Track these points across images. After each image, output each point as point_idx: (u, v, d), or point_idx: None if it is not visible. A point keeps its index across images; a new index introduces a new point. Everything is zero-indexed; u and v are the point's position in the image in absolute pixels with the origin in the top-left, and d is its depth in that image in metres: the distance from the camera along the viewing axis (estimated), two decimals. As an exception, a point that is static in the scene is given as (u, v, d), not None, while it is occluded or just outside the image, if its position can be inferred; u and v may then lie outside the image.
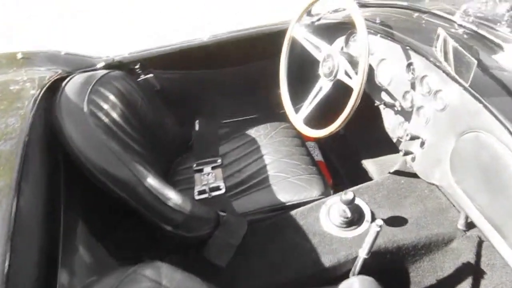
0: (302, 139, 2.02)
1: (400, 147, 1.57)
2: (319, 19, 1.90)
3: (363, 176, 2.21)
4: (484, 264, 1.49)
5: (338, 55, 1.57)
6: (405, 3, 1.71)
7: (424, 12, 1.61)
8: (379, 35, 1.63)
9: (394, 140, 1.61)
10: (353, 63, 1.57)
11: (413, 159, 1.50)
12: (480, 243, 1.51)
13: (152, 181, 1.35)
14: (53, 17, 4.69)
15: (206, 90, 2.10)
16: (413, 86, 1.49)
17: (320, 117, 1.73)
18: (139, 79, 1.86)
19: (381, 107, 1.64)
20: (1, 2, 5.05)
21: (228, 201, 1.75)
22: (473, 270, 1.48)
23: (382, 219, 1.59)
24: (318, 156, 2.22)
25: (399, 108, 1.56)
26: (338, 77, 1.56)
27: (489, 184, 1.19)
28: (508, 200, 1.13)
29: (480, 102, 1.19)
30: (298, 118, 1.72)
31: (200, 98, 2.12)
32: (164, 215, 1.38)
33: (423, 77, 1.43)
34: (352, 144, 2.35)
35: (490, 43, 1.32)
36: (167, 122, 1.94)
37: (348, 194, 1.45)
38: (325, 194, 1.73)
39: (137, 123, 1.65)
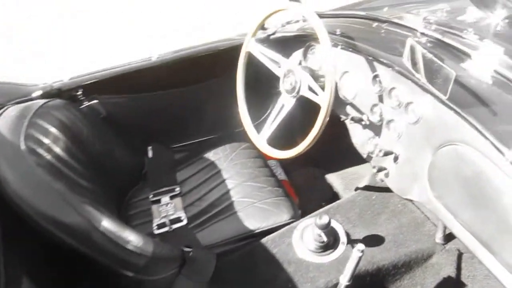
0: (264, 159, 1.91)
1: (372, 163, 1.50)
2: (274, 33, 1.82)
3: (328, 191, 2.14)
4: (465, 277, 1.45)
5: (299, 70, 1.48)
6: (362, 13, 1.65)
7: (383, 22, 1.56)
8: (339, 46, 1.57)
9: (364, 156, 1.54)
10: (316, 77, 1.49)
11: (387, 175, 1.44)
12: (460, 256, 1.47)
13: (106, 224, 1.18)
14: (53, 17, 4.53)
15: (157, 114, 1.95)
16: (381, 99, 1.42)
17: (284, 135, 1.63)
18: (82, 106, 1.67)
19: (347, 121, 1.57)
20: (1, 2, 4.82)
21: (192, 234, 1.60)
22: (455, 284, 1.43)
23: (359, 240, 1.51)
24: (281, 175, 2.12)
25: (367, 123, 1.49)
26: (302, 93, 1.47)
27: (473, 199, 1.13)
28: (494, 215, 1.08)
29: (457, 113, 1.13)
30: (260, 138, 1.61)
31: (152, 123, 1.96)
32: (124, 260, 1.21)
33: (391, 89, 1.37)
34: (315, 158, 2.28)
35: (456, 51, 1.28)
36: (117, 152, 1.77)
37: (324, 218, 1.36)
38: (295, 217, 1.63)
39: (84, 156, 1.46)
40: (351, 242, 1.50)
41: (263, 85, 1.85)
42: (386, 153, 1.37)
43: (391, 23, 1.53)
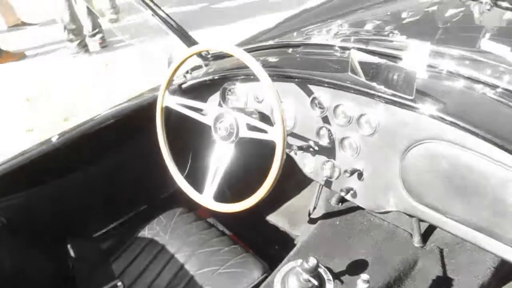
0: (204, 219, 1.72)
1: (333, 188, 1.42)
2: (184, 82, 1.67)
3: (276, 233, 2.01)
4: (451, 271, 1.43)
5: (231, 112, 1.35)
6: (270, 42, 1.61)
7: (297, 46, 1.53)
8: None
9: (322, 183, 1.45)
10: (250, 114, 1.39)
11: (354, 195, 1.36)
12: (441, 253, 1.45)
13: None
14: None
15: (68, 203, 1.63)
16: (326, 120, 1.37)
17: (231, 185, 1.47)
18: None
19: (292, 154, 1.48)
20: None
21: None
22: (444, 282, 1.41)
23: (343, 271, 1.40)
24: (225, 230, 1.93)
25: (316, 148, 1.41)
26: (242, 135, 1.34)
27: (459, 191, 1.11)
28: (486, 199, 1.06)
29: (417, 112, 1.12)
30: (205, 197, 1.42)
31: (63, 216, 1.63)
32: None
33: (335, 108, 1.32)
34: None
35: (384, 56, 1.29)
36: (30, 263, 1.41)
37: (311, 261, 1.22)
38: (266, 270, 1.46)
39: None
40: (337, 276, 1.38)
41: (189, 138, 1.68)
42: (352, 172, 1.31)
43: (307, 45, 1.51)
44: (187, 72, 1.73)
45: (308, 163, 1.47)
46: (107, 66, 4.37)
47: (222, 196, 1.41)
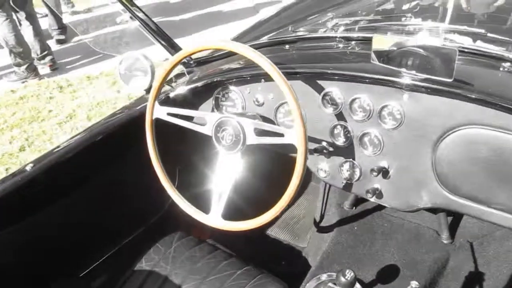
0: (205, 241, 1.54)
1: (354, 191, 1.30)
2: (172, 91, 1.50)
3: (279, 247, 1.85)
4: (482, 263, 1.35)
5: (236, 118, 1.21)
6: (264, 40, 1.48)
7: (293, 41, 1.41)
8: (262, 80, 1.35)
9: (341, 186, 1.32)
10: (254, 119, 1.25)
11: (380, 196, 1.25)
12: (472, 247, 1.36)
13: None
14: None
15: (49, 239, 1.41)
16: (340, 118, 1.25)
17: (236, 199, 1.32)
18: None
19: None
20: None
21: None
22: (476, 278, 1.32)
23: (374, 281, 1.28)
24: (227, 251, 1.75)
25: (331, 149, 1.29)
26: (250, 142, 1.19)
27: (503, 178, 1.02)
28: None
29: (455, 95, 1.02)
30: (214, 217, 1.25)
31: (45, 254, 1.40)
32: None
33: (352, 102, 1.20)
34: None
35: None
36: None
37: (348, 273, 1.09)
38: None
39: None
40: (369, 287, 1.26)
41: (176, 153, 1.51)
42: (379, 171, 1.19)
43: (306, 40, 1.39)
44: (170, 81, 1.57)
45: (322, 167, 1.34)
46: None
47: (229, 213, 1.26)
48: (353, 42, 1.31)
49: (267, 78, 1.34)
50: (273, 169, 1.41)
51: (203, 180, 1.40)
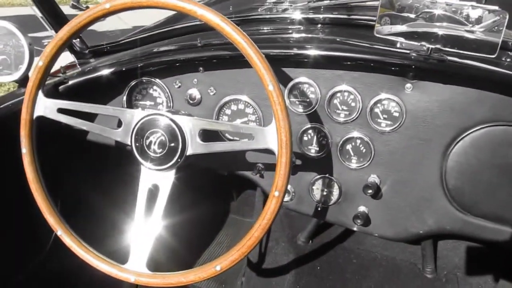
0: None
1: (330, 218, 0.97)
2: (64, 81, 1.03)
3: None
4: None
5: (170, 115, 0.81)
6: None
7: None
8: (200, 68, 0.98)
9: (311, 213, 0.98)
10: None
11: (367, 223, 0.93)
12: (457, 280, 1.13)
13: None
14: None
15: None
16: (314, 119, 0.93)
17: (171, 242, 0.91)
18: None
19: (254, 176, 0.99)
20: None
21: None
22: None
23: None
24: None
25: (299, 162, 0.96)
26: (194, 151, 0.81)
27: None
28: None
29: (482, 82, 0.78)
30: (133, 267, 0.82)
31: None
32: None
33: (331, 97, 0.89)
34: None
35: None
36: None
37: None
38: None
39: None
40: None
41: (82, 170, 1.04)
42: (369, 188, 0.87)
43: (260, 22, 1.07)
44: (58, 71, 1.10)
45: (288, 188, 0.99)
46: None
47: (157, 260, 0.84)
48: (319, 26, 1.02)
49: (209, 66, 0.97)
50: (225, 193, 1.02)
51: (115, 212, 0.95)
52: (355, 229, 0.96)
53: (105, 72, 1.02)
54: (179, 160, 0.81)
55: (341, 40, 0.93)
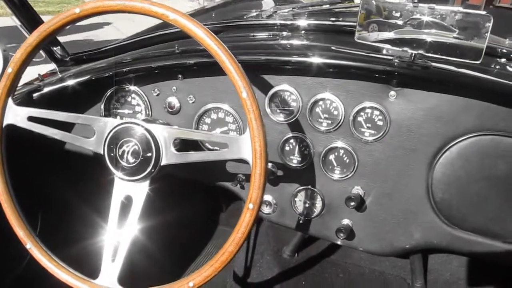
0: None
1: (313, 231, 0.93)
2: (38, 89, 0.99)
3: None
4: None
5: (145, 124, 0.78)
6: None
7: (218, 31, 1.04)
8: (179, 76, 0.94)
9: (293, 226, 0.94)
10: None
11: (351, 237, 0.90)
12: None
13: None
14: None
15: None
16: (296, 128, 0.89)
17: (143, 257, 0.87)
18: None
19: (235, 187, 0.95)
20: None
21: None
22: None
23: None
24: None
25: (281, 173, 0.92)
26: (168, 161, 0.77)
27: None
28: None
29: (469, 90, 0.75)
30: (104, 282, 0.78)
31: None
32: None
33: (312, 106, 0.86)
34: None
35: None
36: None
37: None
38: None
39: None
40: None
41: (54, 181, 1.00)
42: (352, 200, 0.84)
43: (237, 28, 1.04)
44: (36, 79, 1.07)
45: (266, 199, 0.95)
46: None
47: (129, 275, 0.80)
48: (302, 32, 0.99)
49: (188, 73, 0.94)
50: (214, 204, 0.98)
51: (87, 225, 0.91)
52: (339, 243, 0.92)
53: (82, 79, 0.99)
54: (153, 170, 0.78)
55: (323, 46, 0.90)
